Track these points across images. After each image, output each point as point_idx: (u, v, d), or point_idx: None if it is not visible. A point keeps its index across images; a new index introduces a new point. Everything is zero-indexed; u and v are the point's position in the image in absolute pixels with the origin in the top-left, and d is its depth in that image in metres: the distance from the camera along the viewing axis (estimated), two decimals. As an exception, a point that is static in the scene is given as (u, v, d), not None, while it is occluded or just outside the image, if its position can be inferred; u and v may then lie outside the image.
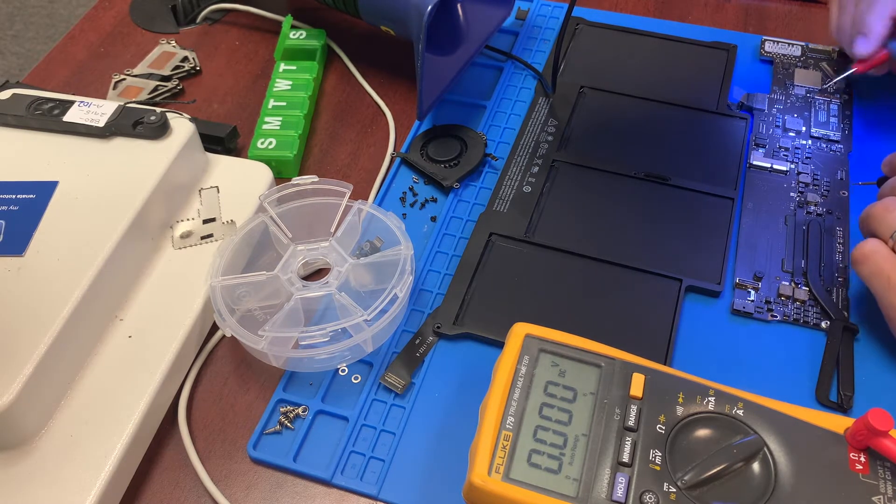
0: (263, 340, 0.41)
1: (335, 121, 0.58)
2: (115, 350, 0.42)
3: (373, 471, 0.40)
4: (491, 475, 0.34)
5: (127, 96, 0.58)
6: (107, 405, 0.40)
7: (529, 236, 0.49)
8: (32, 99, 0.49)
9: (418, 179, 0.53)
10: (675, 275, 0.46)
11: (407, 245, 0.44)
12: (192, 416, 0.43)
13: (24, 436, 0.39)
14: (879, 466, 0.34)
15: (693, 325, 0.45)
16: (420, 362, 0.44)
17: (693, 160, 0.53)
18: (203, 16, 0.66)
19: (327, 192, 0.47)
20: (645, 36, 0.61)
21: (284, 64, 0.59)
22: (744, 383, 0.39)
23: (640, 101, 0.57)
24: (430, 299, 0.46)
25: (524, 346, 0.38)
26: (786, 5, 0.65)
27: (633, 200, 0.51)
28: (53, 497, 0.37)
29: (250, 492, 0.40)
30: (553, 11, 0.65)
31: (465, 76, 0.59)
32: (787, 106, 0.56)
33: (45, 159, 0.47)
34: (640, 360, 0.38)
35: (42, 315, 0.39)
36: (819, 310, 0.45)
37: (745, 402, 0.36)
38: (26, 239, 0.43)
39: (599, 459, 0.35)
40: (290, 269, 0.45)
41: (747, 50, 0.61)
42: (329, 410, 0.42)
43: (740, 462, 0.34)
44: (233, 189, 0.50)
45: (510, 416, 0.36)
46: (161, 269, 0.46)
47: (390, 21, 0.55)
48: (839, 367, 0.43)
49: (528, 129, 0.55)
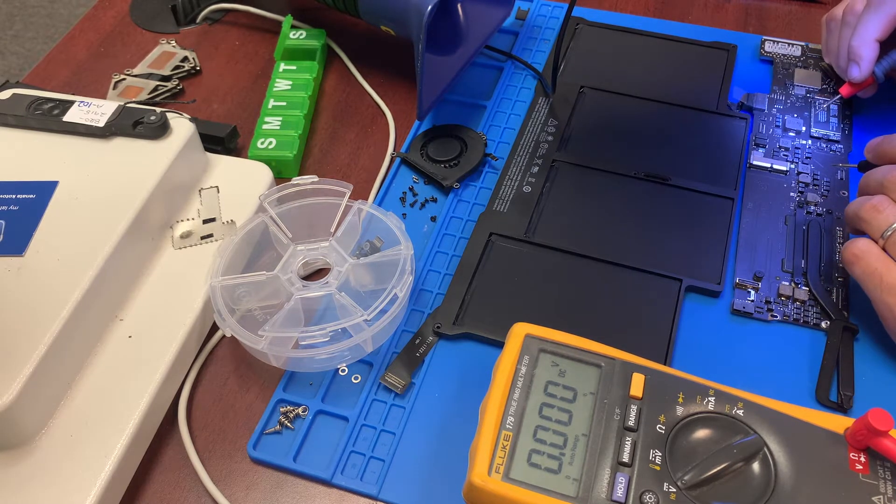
0: (263, 340, 0.41)
1: (335, 121, 0.58)
2: (115, 350, 0.42)
3: (373, 471, 0.40)
4: (491, 475, 0.34)
5: (127, 96, 0.58)
6: (107, 405, 0.40)
7: (529, 236, 0.49)
8: (32, 99, 0.49)
9: (418, 179, 0.53)
10: (675, 275, 0.46)
11: (407, 245, 0.44)
12: (192, 416, 0.43)
13: (24, 436, 0.39)
14: (879, 466, 0.34)
15: (693, 325, 0.45)
16: (420, 362, 0.44)
17: (693, 160, 0.53)
18: (203, 16, 0.66)
19: (327, 192, 0.47)
20: (645, 36, 0.61)
21: (284, 64, 0.59)
22: (744, 383, 0.39)
23: (640, 101, 0.57)
24: (430, 299, 0.46)
25: (524, 346, 0.38)
26: (786, 5, 0.65)
27: (633, 200, 0.51)
28: (53, 497, 0.37)
29: (250, 492, 0.40)
30: (553, 11, 0.65)
31: (465, 76, 0.59)
32: (787, 106, 0.56)
33: (45, 159, 0.47)
34: (640, 360, 0.38)
35: (42, 315, 0.39)
36: (819, 310, 0.45)
37: (745, 402, 0.36)
38: (26, 239, 0.43)
39: (599, 459, 0.35)
40: (290, 269, 0.45)
41: (747, 50, 0.61)
42: (329, 410, 0.42)
43: (740, 462, 0.34)
44: (233, 189, 0.50)
45: (510, 416, 0.36)
46: (161, 269, 0.46)
47: (390, 21, 0.55)
48: (839, 367, 0.43)
49: (528, 129, 0.55)
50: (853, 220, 0.44)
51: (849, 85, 0.54)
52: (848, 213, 0.45)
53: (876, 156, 0.46)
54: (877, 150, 0.46)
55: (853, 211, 0.44)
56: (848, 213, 0.45)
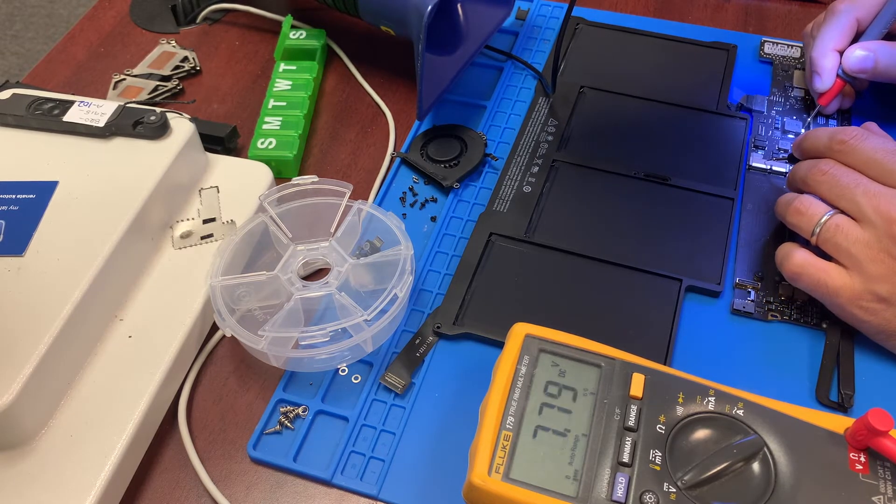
0: (263, 340, 0.41)
1: (335, 121, 0.58)
2: (115, 350, 0.42)
3: (373, 471, 0.40)
4: (491, 475, 0.34)
5: (127, 96, 0.58)
6: (107, 405, 0.40)
7: (529, 236, 0.49)
8: (32, 99, 0.49)
9: (418, 179, 0.53)
10: (675, 275, 0.46)
11: (407, 245, 0.44)
12: (192, 416, 0.43)
13: (24, 436, 0.39)
14: (879, 466, 0.35)
15: (693, 325, 0.45)
16: (420, 362, 0.44)
17: (693, 160, 0.53)
18: (203, 16, 0.66)
19: (327, 192, 0.47)
20: (645, 36, 0.61)
21: (284, 64, 0.59)
22: (744, 383, 0.39)
23: (640, 101, 0.57)
24: (430, 299, 0.46)
25: (524, 346, 0.38)
26: (786, 5, 0.65)
27: (633, 200, 0.51)
28: (53, 497, 0.37)
29: (250, 492, 0.40)
30: (553, 11, 0.65)
31: (465, 76, 0.59)
32: (786, 108, 0.56)
33: (45, 159, 0.47)
34: (640, 360, 0.38)
35: (42, 315, 0.39)
36: (819, 310, 0.45)
37: (745, 402, 0.36)
38: (26, 239, 0.43)
39: (599, 459, 0.35)
40: (290, 269, 0.45)
41: (747, 50, 0.61)
42: (329, 410, 0.42)
43: (740, 462, 0.34)
44: (233, 189, 0.50)
45: (510, 416, 0.36)
46: (161, 269, 0.46)
47: (390, 21, 0.55)
48: (839, 366, 0.43)
49: (528, 129, 0.55)
50: (782, 219, 0.45)
51: (822, 95, 0.54)
52: (777, 212, 0.46)
53: (799, 153, 0.48)
54: (800, 147, 0.48)
55: (780, 213, 0.46)
56: (777, 212, 0.46)
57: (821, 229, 0.42)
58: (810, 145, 0.46)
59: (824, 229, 0.42)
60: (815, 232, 0.42)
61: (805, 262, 0.42)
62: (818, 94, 0.53)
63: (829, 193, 0.43)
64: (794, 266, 0.43)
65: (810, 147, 0.46)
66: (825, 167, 0.43)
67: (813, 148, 0.46)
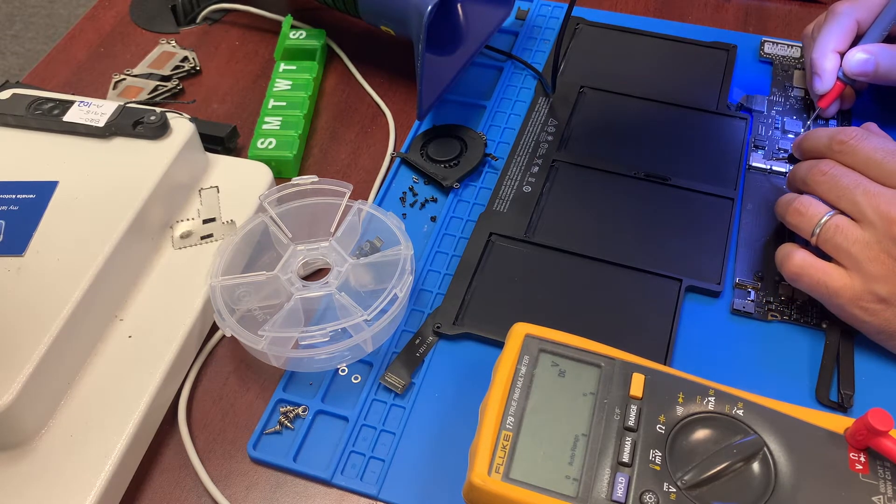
0: (263, 340, 0.41)
1: (335, 121, 0.58)
2: (115, 350, 0.42)
3: (373, 471, 0.40)
4: (491, 475, 0.34)
5: (127, 96, 0.58)
6: (107, 405, 0.40)
7: (529, 236, 0.49)
8: (32, 99, 0.49)
9: (418, 179, 0.53)
10: (675, 275, 0.46)
11: (407, 245, 0.44)
12: (192, 416, 0.43)
13: (24, 436, 0.39)
14: (879, 466, 0.35)
15: (693, 325, 0.45)
16: (420, 362, 0.44)
17: (693, 160, 0.53)
18: (203, 16, 0.66)
19: (327, 192, 0.47)
20: (645, 36, 0.61)
21: (284, 64, 0.59)
22: (744, 383, 0.39)
23: (640, 101, 0.57)
24: (430, 299, 0.46)
25: (524, 346, 0.38)
26: (786, 5, 0.65)
27: (633, 200, 0.51)
28: (53, 497, 0.37)
29: (250, 492, 0.40)
30: (553, 11, 0.65)
31: (465, 76, 0.59)
32: (786, 108, 0.56)
33: (45, 159, 0.47)
34: (640, 360, 0.38)
35: (42, 315, 0.39)
36: (819, 310, 0.45)
37: (745, 402, 0.36)
38: (26, 239, 0.43)
39: (599, 459, 0.35)
40: (290, 269, 0.45)
41: (747, 50, 0.61)
42: (329, 410, 0.42)
43: (740, 462, 0.34)
44: (233, 189, 0.50)
45: (510, 416, 0.36)
46: (161, 269, 0.46)
47: (390, 21, 0.55)
48: (839, 366, 0.43)
49: (528, 129, 0.55)
50: (782, 220, 0.45)
51: (822, 98, 0.54)
52: (777, 212, 0.46)
53: (799, 153, 0.48)
54: (800, 147, 0.48)
55: (780, 214, 0.46)
56: (777, 212, 0.46)
57: (821, 230, 0.42)
58: (810, 145, 0.46)
59: (824, 230, 0.42)
60: (814, 232, 0.42)
61: (805, 263, 0.42)
62: (818, 96, 0.54)
63: (828, 194, 0.43)
64: (794, 266, 0.43)
65: (810, 147, 0.46)
66: (825, 167, 0.43)
67: (813, 148, 0.46)
